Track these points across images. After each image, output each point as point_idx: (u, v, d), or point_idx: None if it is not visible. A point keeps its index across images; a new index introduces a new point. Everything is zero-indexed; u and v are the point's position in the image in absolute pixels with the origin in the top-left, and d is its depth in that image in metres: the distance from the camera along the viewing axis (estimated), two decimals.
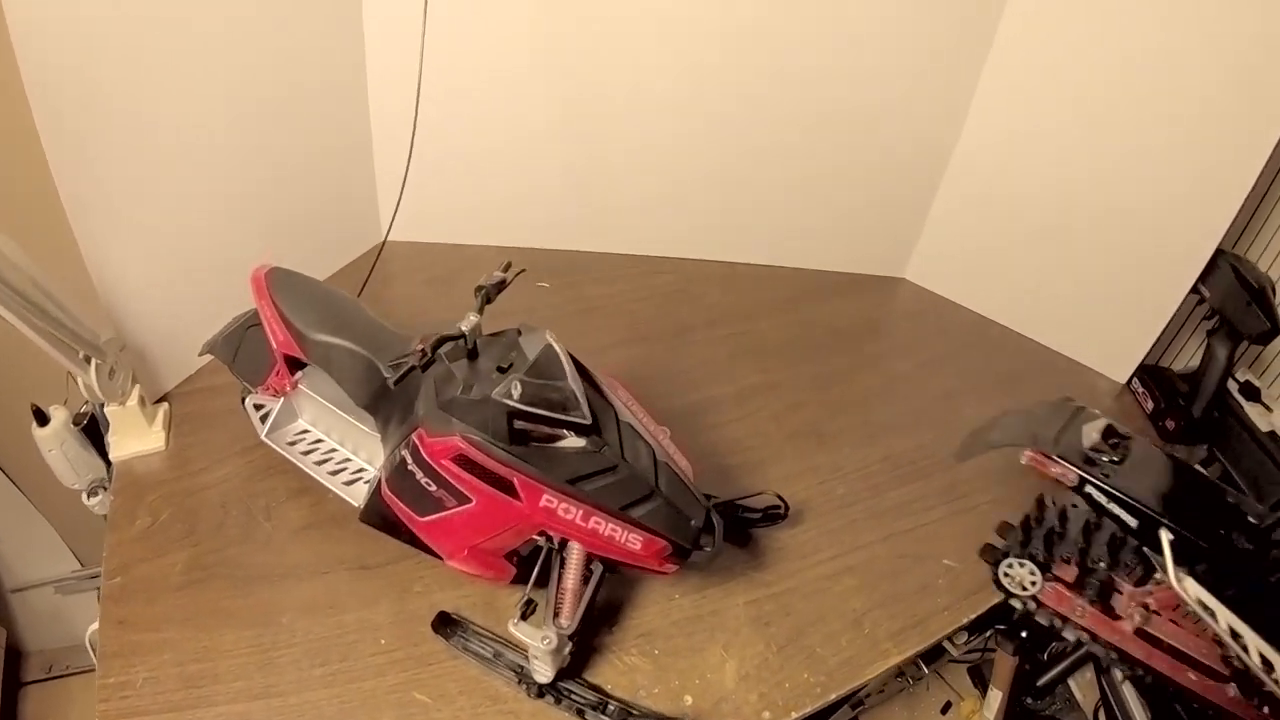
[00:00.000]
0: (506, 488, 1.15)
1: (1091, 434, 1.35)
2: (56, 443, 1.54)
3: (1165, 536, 1.24)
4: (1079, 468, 1.32)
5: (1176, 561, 1.22)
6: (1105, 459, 1.33)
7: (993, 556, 1.50)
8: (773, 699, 1.27)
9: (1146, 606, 1.33)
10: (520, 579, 1.32)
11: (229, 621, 1.36)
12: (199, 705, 1.25)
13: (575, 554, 1.25)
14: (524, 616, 1.24)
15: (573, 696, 1.27)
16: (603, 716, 1.25)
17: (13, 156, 1.34)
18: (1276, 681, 1.17)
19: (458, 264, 2.24)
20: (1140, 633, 1.34)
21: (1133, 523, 1.28)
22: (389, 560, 1.46)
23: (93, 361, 1.40)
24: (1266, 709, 1.25)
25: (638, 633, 1.36)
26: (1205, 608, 1.19)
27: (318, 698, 1.26)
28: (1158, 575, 1.30)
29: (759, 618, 1.39)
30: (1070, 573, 1.40)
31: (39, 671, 2.25)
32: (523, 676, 1.27)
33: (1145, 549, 1.29)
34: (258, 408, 1.47)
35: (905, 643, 1.41)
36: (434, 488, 1.19)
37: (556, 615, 1.22)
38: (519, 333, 1.25)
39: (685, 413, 1.84)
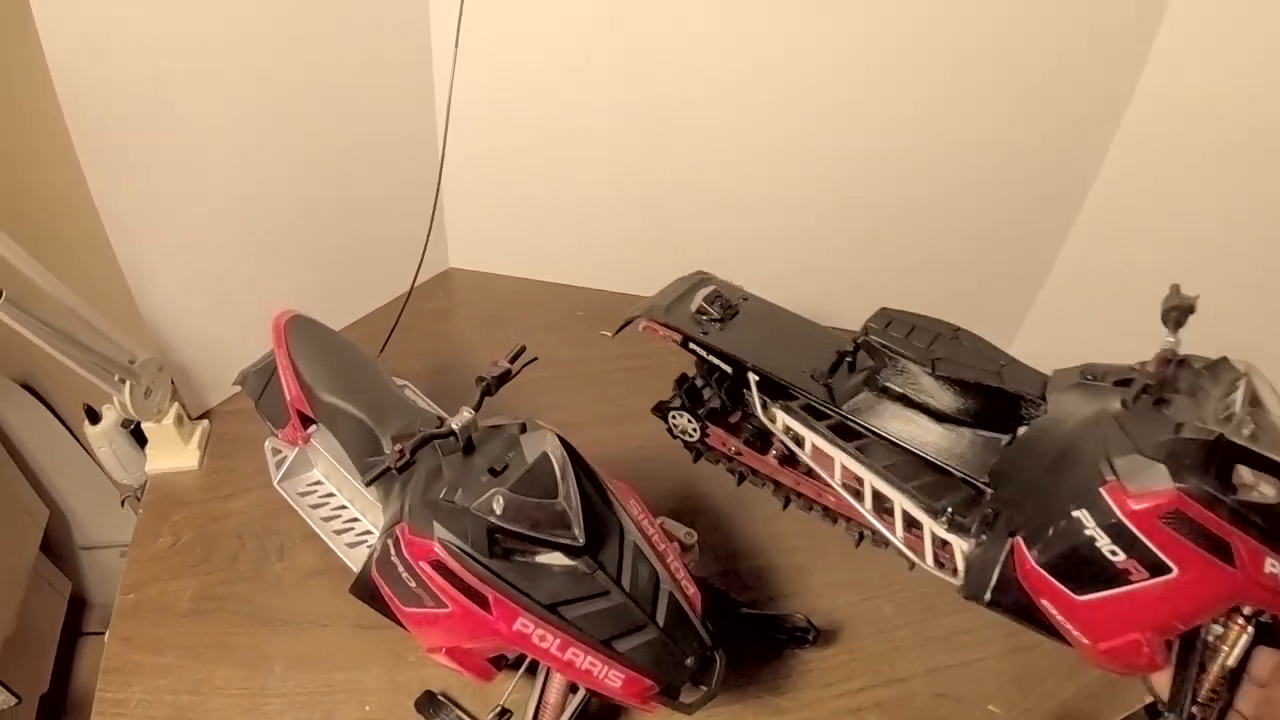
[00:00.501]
0: (481, 602, 1.08)
1: (698, 300, 1.52)
2: (106, 441, 1.59)
3: (752, 378, 1.44)
4: (678, 328, 1.49)
5: (768, 398, 1.45)
6: (707, 319, 1.49)
7: (660, 410, 1.68)
8: None
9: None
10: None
11: (226, 658, 1.36)
12: None
13: (559, 680, 1.19)
14: None
15: None
16: None
17: (54, 175, 1.36)
18: (859, 493, 1.38)
19: (513, 299, 2.18)
20: (786, 462, 1.55)
21: (729, 370, 1.47)
22: (388, 624, 1.41)
23: (128, 383, 1.41)
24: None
25: None
26: (793, 436, 1.43)
27: None
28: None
29: None
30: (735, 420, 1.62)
31: (99, 625, 2.39)
32: None
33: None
34: (275, 452, 1.47)
35: None
36: (413, 584, 1.13)
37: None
38: (523, 429, 1.15)
39: (733, 502, 1.70)
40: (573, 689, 1.24)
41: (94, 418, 1.59)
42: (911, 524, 1.34)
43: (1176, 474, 0.94)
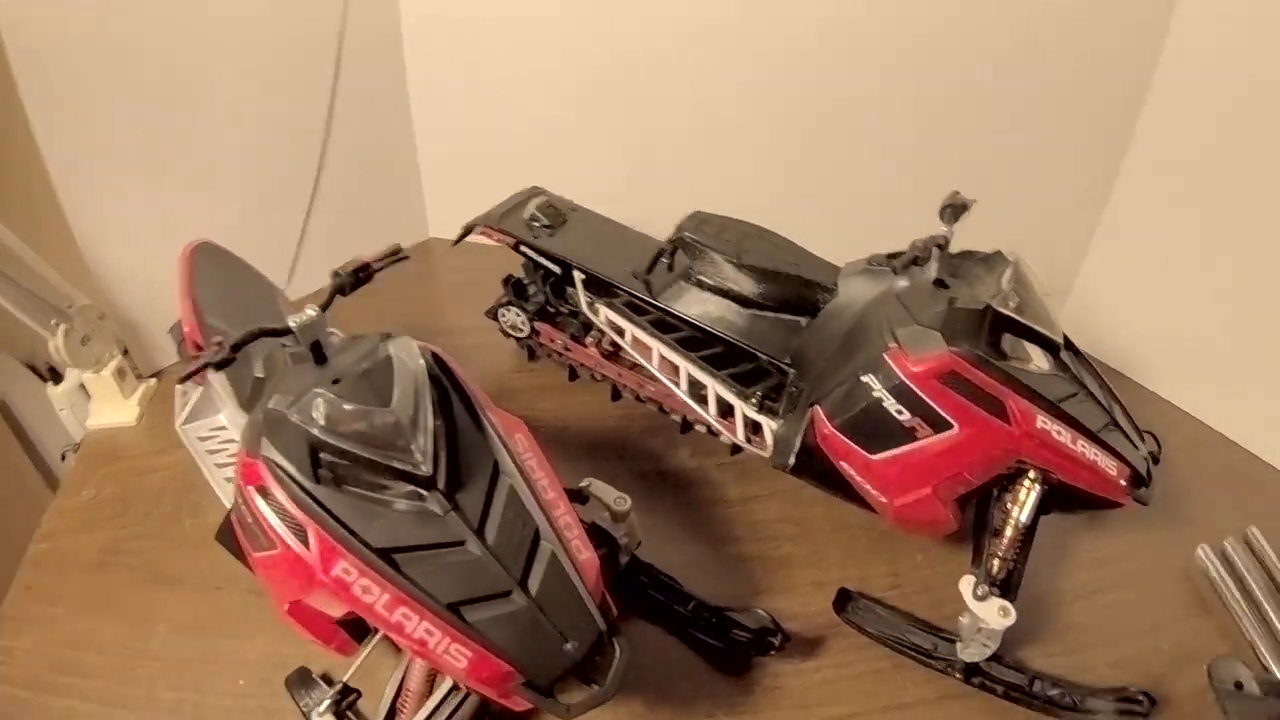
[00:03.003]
0: (305, 540, 0.90)
1: (530, 209, 1.60)
2: (67, 402, 1.60)
3: (578, 276, 1.53)
4: (511, 233, 1.57)
5: (593, 296, 1.54)
6: (539, 225, 1.58)
7: (492, 311, 1.75)
8: None
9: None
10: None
11: (113, 614, 1.30)
12: (56, 692, 1.21)
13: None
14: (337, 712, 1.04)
15: None
16: None
17: None
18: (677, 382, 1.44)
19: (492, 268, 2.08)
20: (610, 356, 1.62)
21: (556, 270, 1.58)
22: None
23: (61, 326, 1.40)
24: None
25: None
26: (616, 329, 1.51)
27: None
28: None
29: None
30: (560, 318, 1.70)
31: None
32: None
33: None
34: (183, 394, 1.41)
35: None
36: (250, 519, 0.99)
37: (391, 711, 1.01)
38: (386, 337, 0.99)
39: (715, 477, 1.52)
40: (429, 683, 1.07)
41: (56, 378, 1.60)
42: (726, 412, 1.43)
43: (951, 339, 1.08)
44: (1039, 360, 1.13)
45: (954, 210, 1.20)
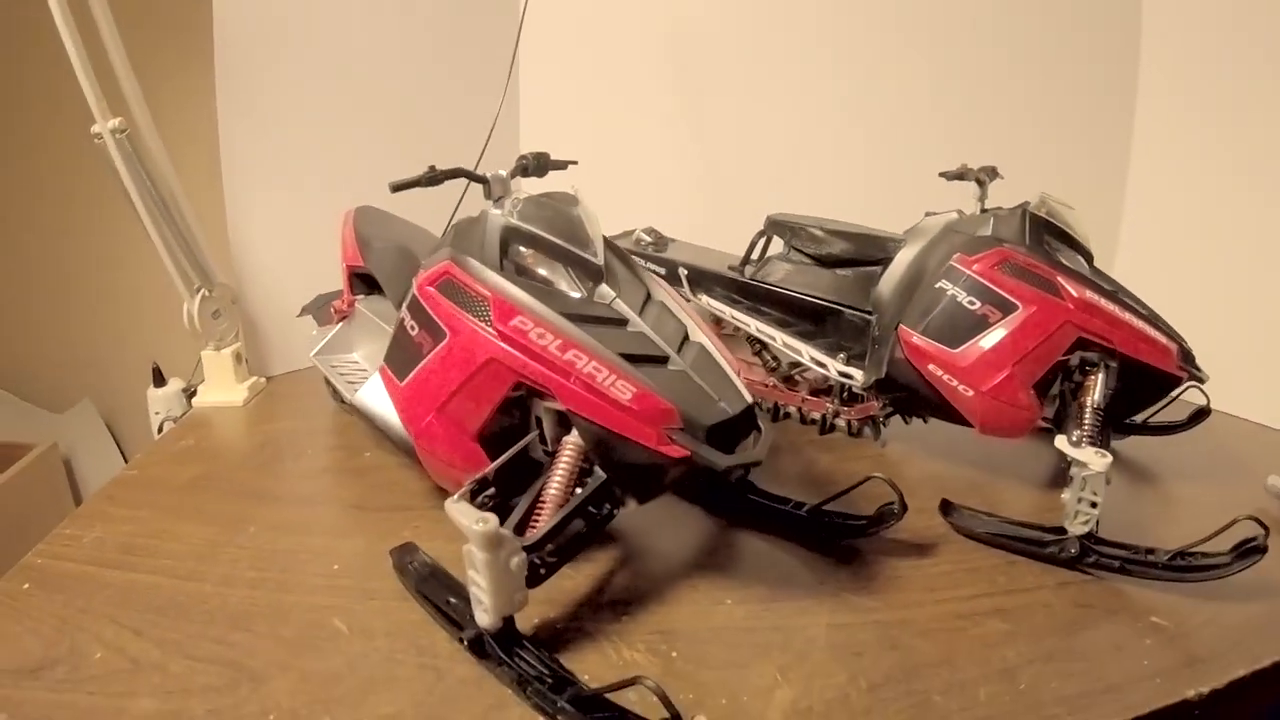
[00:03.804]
0: (482, 314, 0.99)
1: (636, 234, 1.83)
2: (164, 406, 1.63)
3: (682, 273, 1.68)
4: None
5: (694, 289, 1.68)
6: (646, 243, 1.81)
7: None
8: None
9: None
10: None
11: (198, 518, 1.21)
12: (120, 567, 1.08)
13: (567, 453, 0.98)
14: (472, 498, 0.95)
15: (518, 662, 0.89)
16: (551, 696, 0.84)
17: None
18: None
19: None
20: None
21: (662, 272, 1.69)
22: (389, 507, 1.25)
23: (201, 292, 1.53)
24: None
25: (655, 627, 0.99)
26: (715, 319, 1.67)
27: (229, 594, 1.03)
28: None
29: (847, 645, 0.96)
30: None
31: None
32: (461, 630, 0.94)
33: None
34: (318, 332, 1.47)
35: (1088, 711, 0.85)
36: (416, 330, 1.06)
37: (523, 524, 0.93)
38: (571, 197, 1.12)
39: (809, 452, 1.50)
40: (569, 491, 0.99)
41: (159, 380, 1.65)
42: (817, 391, 1.57)
43: (1001, 238, 1.33)
44: (1079, 265, 1.34)
45: (989, 171, 1.50)
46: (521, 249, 1.04)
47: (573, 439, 0.98)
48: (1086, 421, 1.20)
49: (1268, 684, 0.91)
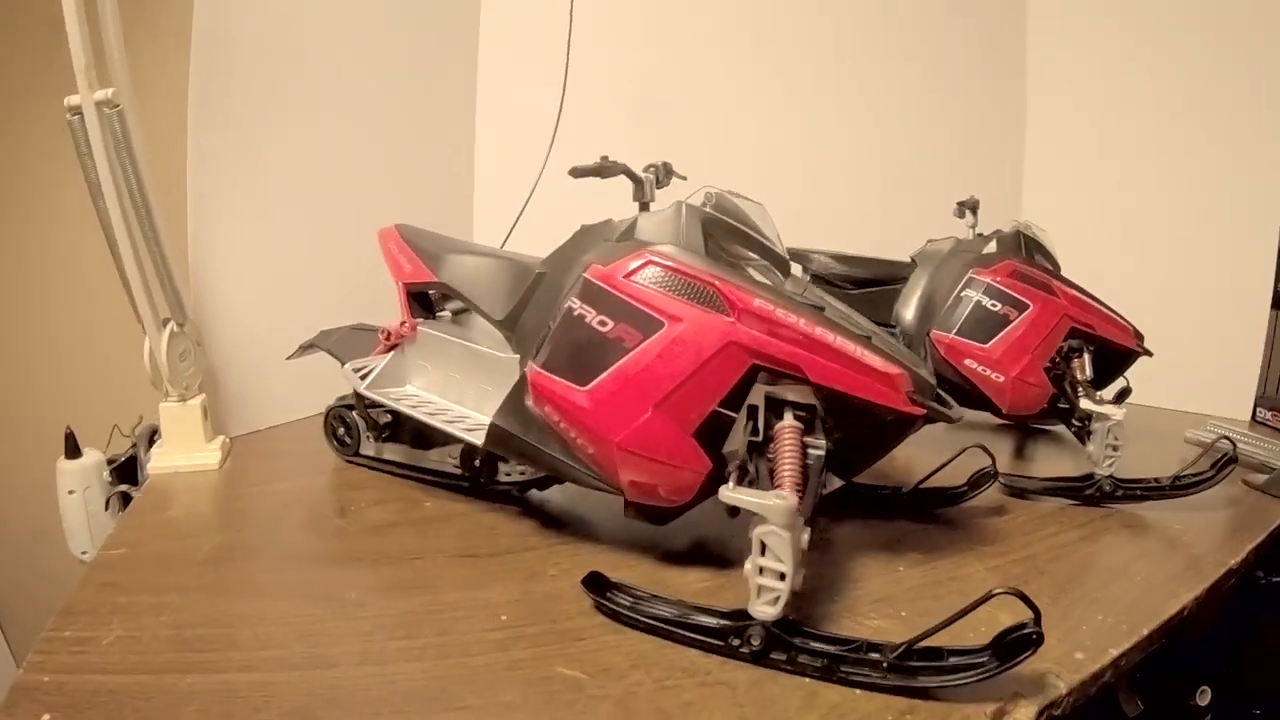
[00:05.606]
0: (709, 300, 0.93)
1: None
2: (80, 483, 1.21)
3: None
4: None
5: None
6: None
7: None
8: (1077, 641, 0.89)
9: None
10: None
11: (264, 592, 0.90)
12: (183, 670, 0.75)
13: (789, 434, 0.92)
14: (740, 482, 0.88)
15: (812, 648, 0.80)
16: (875, 659, 0.79)
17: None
18: None
19: None
20: None
21: None
22: (506, 550, 1.02)
23: (170, 325, 1.19)
24: None
25: (871, 599, 0.98)
26: None
27: (388, 673, 0.76)
28: None
29: (1010, 579, 1.04)
30: None
31: None
32: (730, 636, 0.82)
33: None
34: (356, 370, 1.18)
35: (1175, 584, 1.03)
36: (608, 326, 0.94)
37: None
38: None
39: None
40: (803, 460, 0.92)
41: (73, 450, 1.24)
42: None
43: (1006, 254, 1.59)
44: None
45: (970, 205, 1.77)
46: (719, 240, 1.01)
47: (789, 421, 0.94)
48: (1092, 388, 1.48)
49: None
